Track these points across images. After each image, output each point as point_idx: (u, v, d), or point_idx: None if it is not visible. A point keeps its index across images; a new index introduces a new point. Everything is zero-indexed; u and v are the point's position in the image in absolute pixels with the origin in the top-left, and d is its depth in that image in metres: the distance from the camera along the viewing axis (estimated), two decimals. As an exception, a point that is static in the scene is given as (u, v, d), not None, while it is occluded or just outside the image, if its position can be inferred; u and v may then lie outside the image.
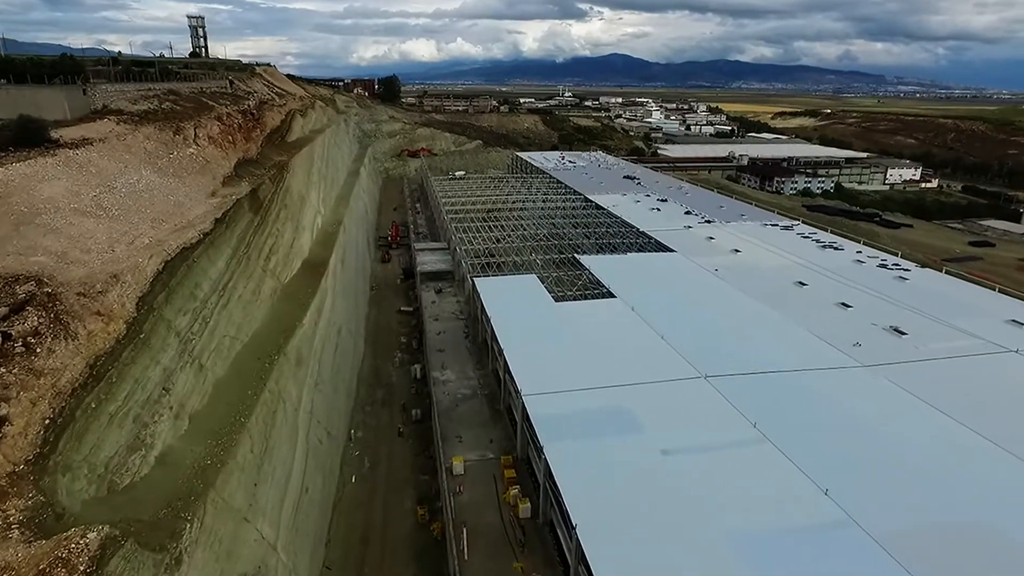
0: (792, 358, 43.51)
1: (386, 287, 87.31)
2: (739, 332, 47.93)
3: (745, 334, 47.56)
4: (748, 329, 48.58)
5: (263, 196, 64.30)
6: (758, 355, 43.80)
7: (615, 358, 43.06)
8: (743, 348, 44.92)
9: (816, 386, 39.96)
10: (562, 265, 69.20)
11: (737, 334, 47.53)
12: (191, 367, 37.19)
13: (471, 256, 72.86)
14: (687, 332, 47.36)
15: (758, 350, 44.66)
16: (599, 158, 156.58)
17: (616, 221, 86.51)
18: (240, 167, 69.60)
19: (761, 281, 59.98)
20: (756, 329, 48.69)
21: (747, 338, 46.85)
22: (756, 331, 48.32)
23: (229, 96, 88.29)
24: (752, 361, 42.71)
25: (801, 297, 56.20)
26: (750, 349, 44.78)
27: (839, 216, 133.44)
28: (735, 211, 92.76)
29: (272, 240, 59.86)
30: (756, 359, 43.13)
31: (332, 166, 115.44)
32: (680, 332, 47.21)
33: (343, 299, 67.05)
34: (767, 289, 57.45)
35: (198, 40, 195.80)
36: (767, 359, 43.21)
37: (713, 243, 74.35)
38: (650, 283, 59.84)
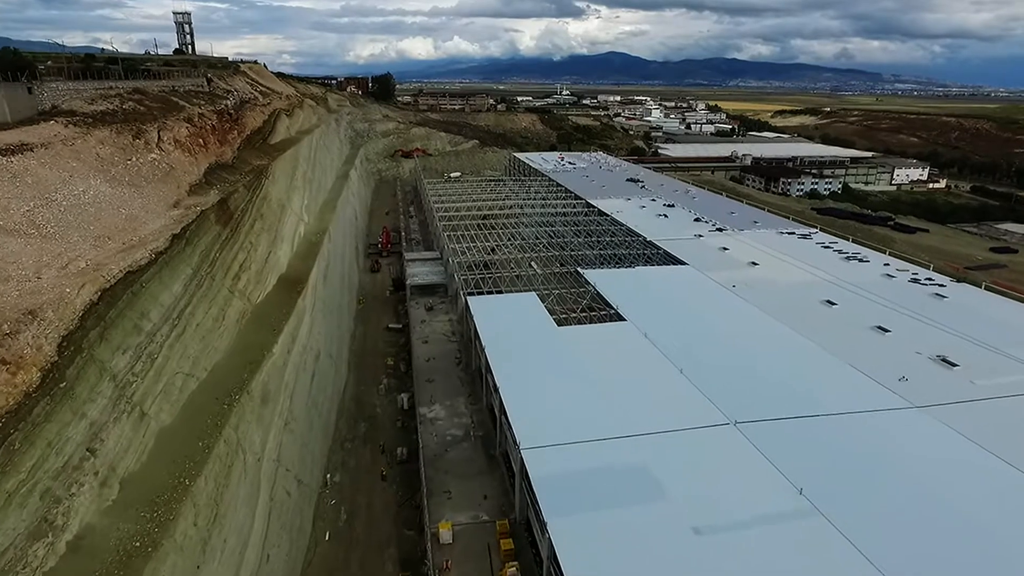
0: (832, 397, 37.75)
1: (374, 300, 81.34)
2: (767, 365, 42.15)
3: (774, 367, 41.79)
4: (777, 361, 42.80)
5: (235, 206, 58.38)
6: (792, 394, 38.05)
7: (628, 399, 37.26)
8: (774, 385, 39.15)
9: (864, 435, 34.18)
10: (564, 280, 63.39)
11: (765, 367, 41.76)
12: (129, 417, 31.30)
13: (465, 269, 67.02)
14: (709, 365, 41.59)
15: (791, 387, 38.90)
16: (600, 159, 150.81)
17: (621, 229, 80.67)
18: (212, 173, 63.64)
19: (785, 300, 54.23)
20: (786, 360, 42.92)
21: (777, 372, 41.07)
22: (786, 363, 42.55)
23: (205, 95, 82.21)
24: (786, 402, 36.97)
25: (832, 319, 50.43)
26: (782, 386, 39.02)
27: (850, 220, 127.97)
28: (747, 217, 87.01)
29: (243, 255, 53.94)
30: (790, 399, 37.38)
31: (319, 169, 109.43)
32: (701, 365, 41.44)
33: (324, 319, 61.17)
34: (793, 310, 51.71)
35: (184, 37, 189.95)
36: (803, 399, 37.47)
37: (727, 255, 68.58)
38: (662, 302, 54.05)
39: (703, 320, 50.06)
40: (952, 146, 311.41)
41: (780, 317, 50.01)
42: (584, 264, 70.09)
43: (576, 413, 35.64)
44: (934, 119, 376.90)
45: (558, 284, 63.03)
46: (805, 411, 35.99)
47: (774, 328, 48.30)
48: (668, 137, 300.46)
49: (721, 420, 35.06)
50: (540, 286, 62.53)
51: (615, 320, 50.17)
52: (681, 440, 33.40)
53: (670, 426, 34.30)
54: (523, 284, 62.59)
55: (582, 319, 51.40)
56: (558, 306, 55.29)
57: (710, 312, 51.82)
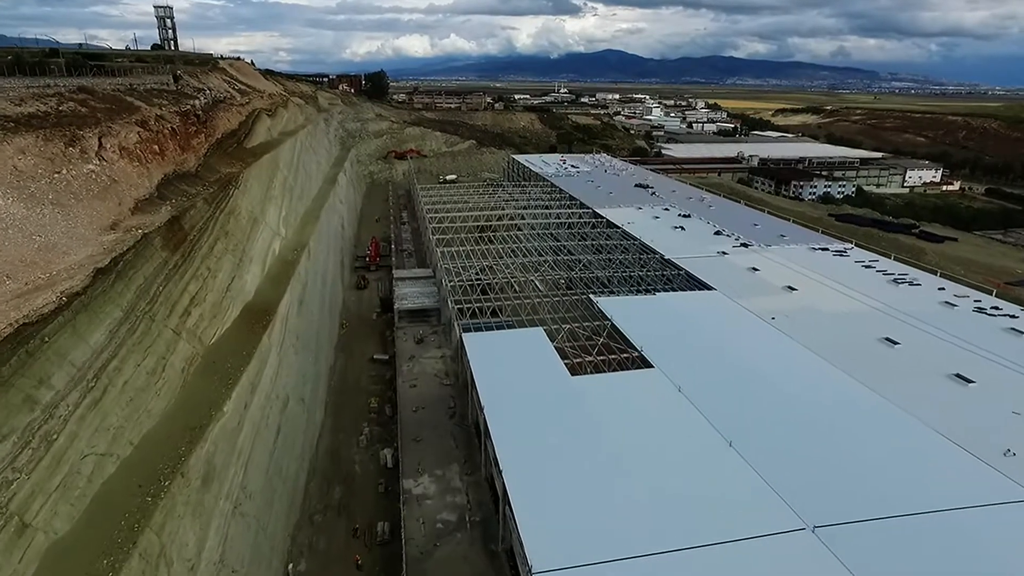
0: (928, 485, 29.55)
1: (359, 323, 72.92)
2: (836, 434, 33.94)
3: (846, 439, 33.56)
4: (847, 428, 34.57)
5: (191, 224, 49.88)
6: (876, 482, 29.83)
7: (668, 488, 29.01)
8: (851, 469, 30.84)
9: (989, 546, 26.04)
10: (575, 308, 55.13)
11: (834, 438, 33.56)
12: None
13: (460, 293, 58.72)
14: (763, 434, 33.39)
15: (873, 472, 30.67)
16: (603, 161, 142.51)
17: (635, 244, 72.40)
18: (168, 185, 55.10)
19: (836, 337, 46.07)
20: (858, 428, 34.68)
21: (850, 446, 32.83)
22: (859, 432, 34.33)
23: (170, 94, 73.60)
24: (872, 496, 28.68)
25: (897, 364, 42.23)
26: (862, 471, 30.75)
27: (872, 228, 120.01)
28: (772, 230, 78.84)
29: (197, 285, 45.48)
30: (875, 490, 29.15)
31: (303, 174, 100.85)
32: (752, 434, 33.23)
33: (297, 355, 52.78)
34: (848, 350, 43.55)
35: (166, 32, 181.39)
36: (892, 488, 29.25)
37: (759, 277, 60.40)
38: (692, 341, 45.81)
39: (744, 365, 41.83)
40: (961, 146, 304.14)
41: (836, 360, 41.82)
42: (596, 287, 61.88)
43: (602, 511, 27.39)
44: (940, 118, 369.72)
45: (567, 313, 54.77)
46: (898, 509, 27.78)
47: (832, 377, 40.10)
48: (670, 137, 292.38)
49: (793, 523, 26.81)
50: (547, 314, 54.30)
51: (639, 366, 41.93)
52: (742, 555, 25.19)
53: (727, 533, 26.06)
54: (527, 312, 54.32)
55: (599, 364, 43.15)
56: (569, 343, 47.04)
57: (751, 354, 43.58)
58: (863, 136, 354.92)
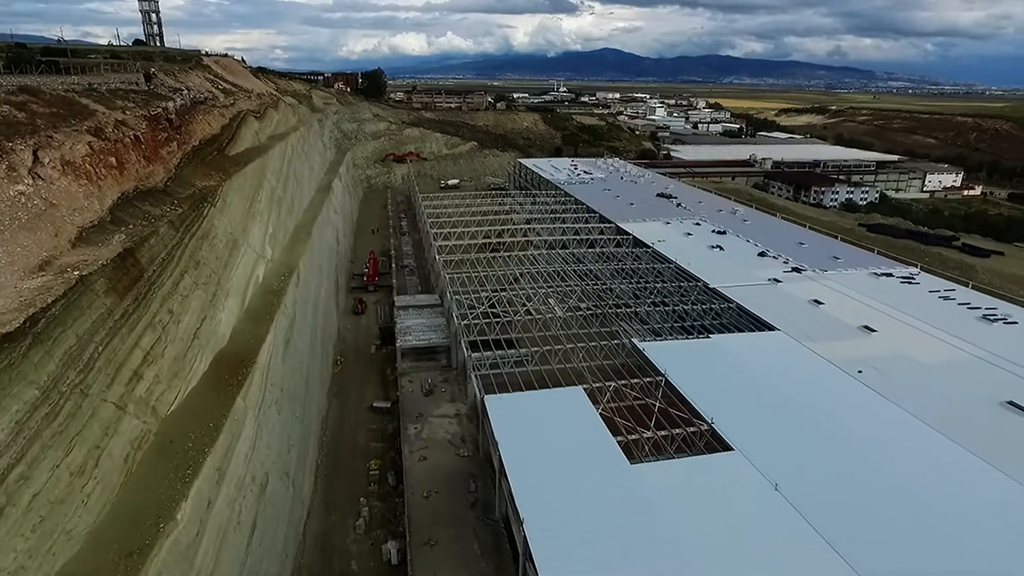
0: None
1: (356, 359, 63.77)
2: (985, 545, 25.23)
3: (1000, 550, 24.85)
4: (995, 541, 25.84)
5: (149, 256, 40.73)
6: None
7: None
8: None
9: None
10: (614, 354, 46.22)
11: (986, 550, 24.83)
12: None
13: (475, 332, 49.77)
14: (894, 557, 24.64)
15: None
16: (618, 167, 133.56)
17: (670, 269, 63.54)
18: (125, 206, 45.86)
19: (945, 400, 37.30)
20: (1012, 539, 25.98)
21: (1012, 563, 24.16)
22: (1014, 545, 25.62)
23: (140, 95, 64.33)
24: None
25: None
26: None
27: (909, 240, 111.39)
28: (822, 250, 70.05)
29: (153, 336, 36.36)
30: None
31: (294, 183, 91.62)
32: (882, 557, 24.49)
33: (281, 416, 43.70)
34: (965, 421, 34.82)
35: (151, 27, 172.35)
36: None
37: (825, 312, 51.59)
38: (769, 405, 36.97)
39: (846, 444, 33.01)
40: (973, 148, 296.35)
41: (955, 435, 33.11)
42: (633, 323, 53.07)
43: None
44: (949, 119, 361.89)
45: (605, 359, 45.88)
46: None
47: (955, 459, 31.35)
48: (676, 138, 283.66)
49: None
50: (581, 361, 45.39)
51: (712, 445, 33.11)
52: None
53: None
54: (556, 359, 45.39)
55: (660, 441, 34.20)
56: (614, 402, 38.15)
57: (850, 425, 34.77)
58: (871, 137, 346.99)
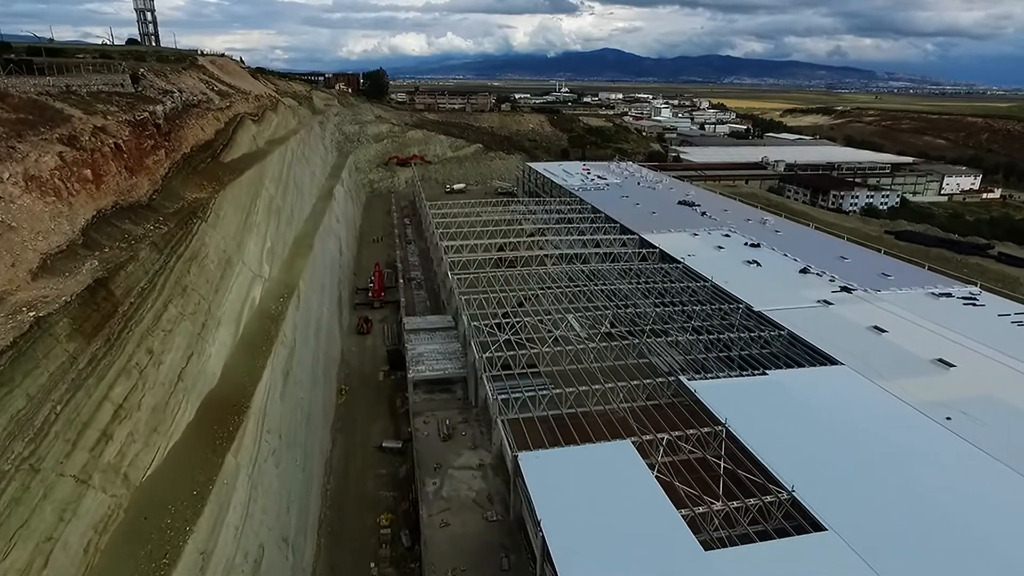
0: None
1: (362, 387, 58.14)
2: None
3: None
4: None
5: (126, 286, 35.15)
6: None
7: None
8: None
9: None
10: (659, 392, 40.65)
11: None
12: None
13: (498, 365, 44.23)
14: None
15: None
16: (632, 171, 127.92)
17: (706, 288, 57.97)
18: (102, 225, 40.27)
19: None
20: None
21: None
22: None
23: (125, 98, 58.76)
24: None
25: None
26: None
27: (941, 248, 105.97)
28: (868, 265, 64.45)
29: (127, 385, 30.78)
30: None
31: (294, 190, 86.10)
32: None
33: (279, 468, 38.09)
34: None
35: (146, 27, 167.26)
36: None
37: (890, 342, 45.96)
38: (857, 465, 31.39)
39: (955, 517, 27.46)
40: (986, 149, 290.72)
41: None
42: (672, 352, 47.53)
43: None
44: (959, 119, 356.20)
45: (648, 398, 40.36)
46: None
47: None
48: (683, 139, 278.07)
49: None
50: (621, 402, 39.85)
51: (795, 520, 27.54)
52: None
53: None
54: (594, 400, 39.85)
55: (732, 514, 28.59)
56: (668, 456, 32.65)
57: (954, 490, 29.20)
58: (880, 138, 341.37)
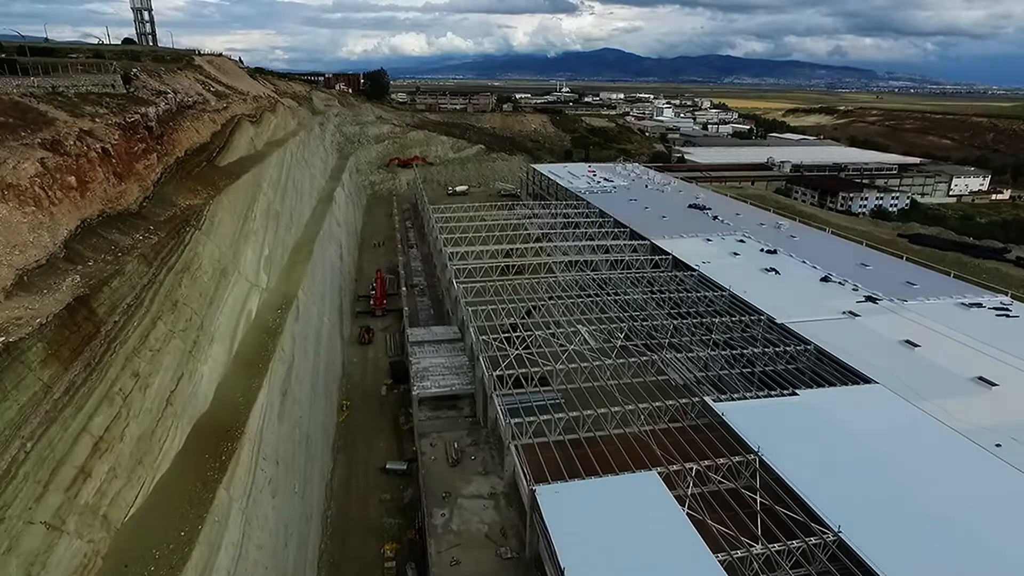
0: None
1: (365, 402, 55.53)
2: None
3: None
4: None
5: (110, 304, 32.59)
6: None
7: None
8: None
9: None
10: (683, 414, 38.05)
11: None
12: None
13: (509, 384, 41.67)
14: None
15: None
16: (639, 173, 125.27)
17: (724, 298, 55.39)
18: (87, 236, 37.67)
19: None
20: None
21: None
22: None
23: (115, 99, 56.20)
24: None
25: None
26: None
27: (956, 252, 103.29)
28: (890, 273, 61.87)
29: (109, 415, 28.18)
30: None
31: (293, 194, 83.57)
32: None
33: (276, 499, 35.46)
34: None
35: (143, 26, 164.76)
36: None
37: (924, 357, 43.37)
38: (904, 499, 28.85)
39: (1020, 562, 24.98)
40: (992, 149, 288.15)
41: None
42: (692, 368, 44.96)
43: None
44: (964, 119, 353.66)
45: (671, 420, 37.79)
46: None
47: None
48: (687, 139, 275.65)
49: None
50: (642, 424, 37.27)
51: (850, 573, 24.98)
52: None
53: None
54: (614, 423, 37.27)
55: (774, 558, 25.99)
56: (698, 487, 30.11)
57: (1015, 531, 26.70)
58: (884, 139, 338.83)
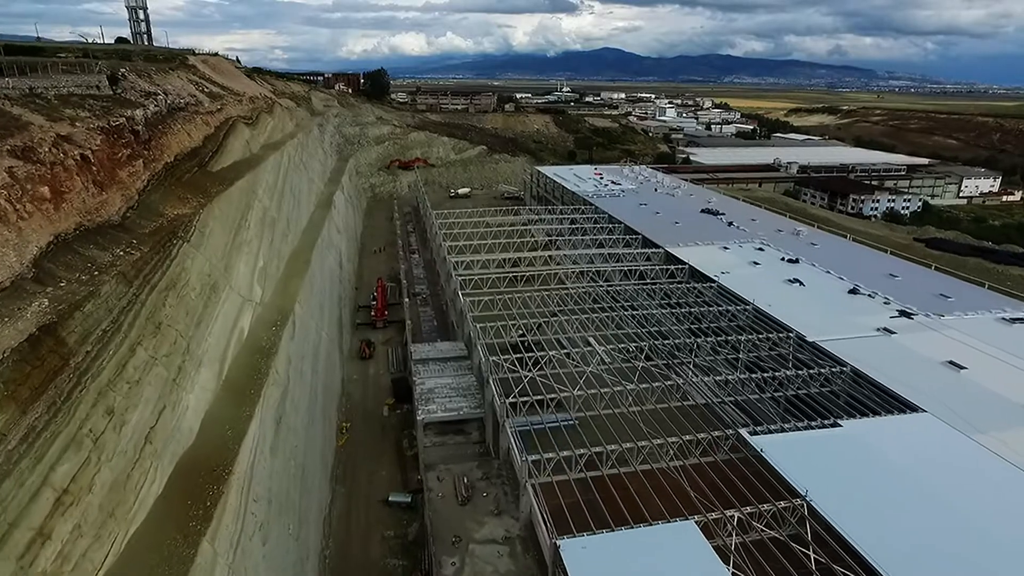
0: None
1: (365, 424, 52.16)
2: None
3: None
4: None
5: (80, 333, 29.27)
6: None
7: None
8: None
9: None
10: (715, 449, 34.71)
11: None
12: None
13: (524, 413, 38.33)
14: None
15: None
16: (647, 175, 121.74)
17: (748, 313, 52.03)
18: (60, 252, 34.31)
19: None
20: None
21: None
22: None
23: (100, 101, 52.81)
24: None
25: None
26: None
27: (976, 257, 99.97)
28: (922, 283, 58.55)
29: (74, 463, 24.73)
30: None
31: (291, 200, 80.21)
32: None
33: (266, 548, 32.12)
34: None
35: (138, 25, 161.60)
36: None
37: (970, 381, 40.01)
38: (977, 554, 25.59)
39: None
40: (999, 149, 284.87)
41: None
42: (720, 392, 41.59)
43: None
44: (969, 119, 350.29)
45: (703, 454, 34.43)
46: None
47: None
48: (690, 140, 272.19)
49: None
50: (672, 459, 33.94)
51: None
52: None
53: None
54: (640, 458, 33.92)
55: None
56: (739, 535, 26.83)
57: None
58: (889, 138, 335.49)
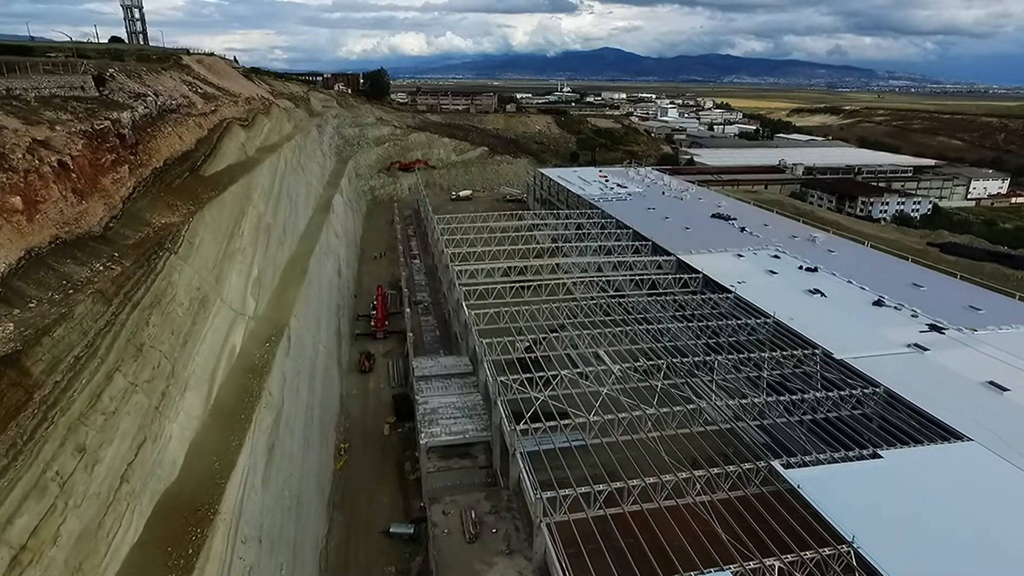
0: None
1: (365, 445, 49.30)
2: None
3: None
4: None
5: (49, 361, 26.43)
6: None
7: None
8: None
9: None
10: (744, 481, 31.91)
11: None
12: None
13: (535, 438, 35.57)
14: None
15: None
16: (653, 178, 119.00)
17: (768, 327, 49.23)
18: (33, 268, 31.63)
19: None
20: None
21: None
22: None
23: (84, 103, 49.99)
24: None
25: None
26: None
27: (993, 263, 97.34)
28: (949, 293, 55.81)
29: (36, 512, 21.80)
30: None
31: (288, 204, 77.39)
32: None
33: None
34: None
35: (134, 24, 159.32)
36: None
37: (1013, 403, 37.21)
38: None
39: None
40: (1004, 150, 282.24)
41: None
42: (746, 415, 38.81)
43: None
44: (973, 119, 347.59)
45: (731, 488, 31.67)
46: None
47: None
48: (693, 140, 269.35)
49: None
50: (700, 494, 31.16)
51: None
52: None
53: None
54: (664, 493, 31.13)
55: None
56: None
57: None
58: (893, 139, 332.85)
